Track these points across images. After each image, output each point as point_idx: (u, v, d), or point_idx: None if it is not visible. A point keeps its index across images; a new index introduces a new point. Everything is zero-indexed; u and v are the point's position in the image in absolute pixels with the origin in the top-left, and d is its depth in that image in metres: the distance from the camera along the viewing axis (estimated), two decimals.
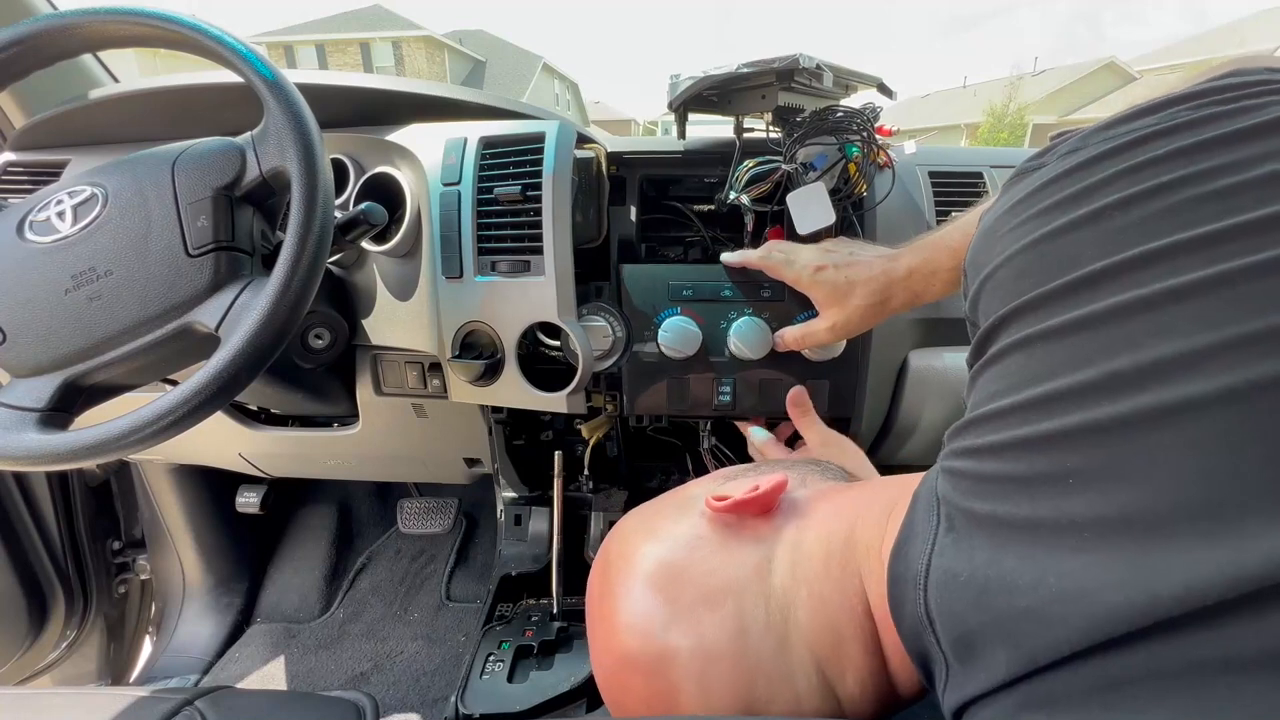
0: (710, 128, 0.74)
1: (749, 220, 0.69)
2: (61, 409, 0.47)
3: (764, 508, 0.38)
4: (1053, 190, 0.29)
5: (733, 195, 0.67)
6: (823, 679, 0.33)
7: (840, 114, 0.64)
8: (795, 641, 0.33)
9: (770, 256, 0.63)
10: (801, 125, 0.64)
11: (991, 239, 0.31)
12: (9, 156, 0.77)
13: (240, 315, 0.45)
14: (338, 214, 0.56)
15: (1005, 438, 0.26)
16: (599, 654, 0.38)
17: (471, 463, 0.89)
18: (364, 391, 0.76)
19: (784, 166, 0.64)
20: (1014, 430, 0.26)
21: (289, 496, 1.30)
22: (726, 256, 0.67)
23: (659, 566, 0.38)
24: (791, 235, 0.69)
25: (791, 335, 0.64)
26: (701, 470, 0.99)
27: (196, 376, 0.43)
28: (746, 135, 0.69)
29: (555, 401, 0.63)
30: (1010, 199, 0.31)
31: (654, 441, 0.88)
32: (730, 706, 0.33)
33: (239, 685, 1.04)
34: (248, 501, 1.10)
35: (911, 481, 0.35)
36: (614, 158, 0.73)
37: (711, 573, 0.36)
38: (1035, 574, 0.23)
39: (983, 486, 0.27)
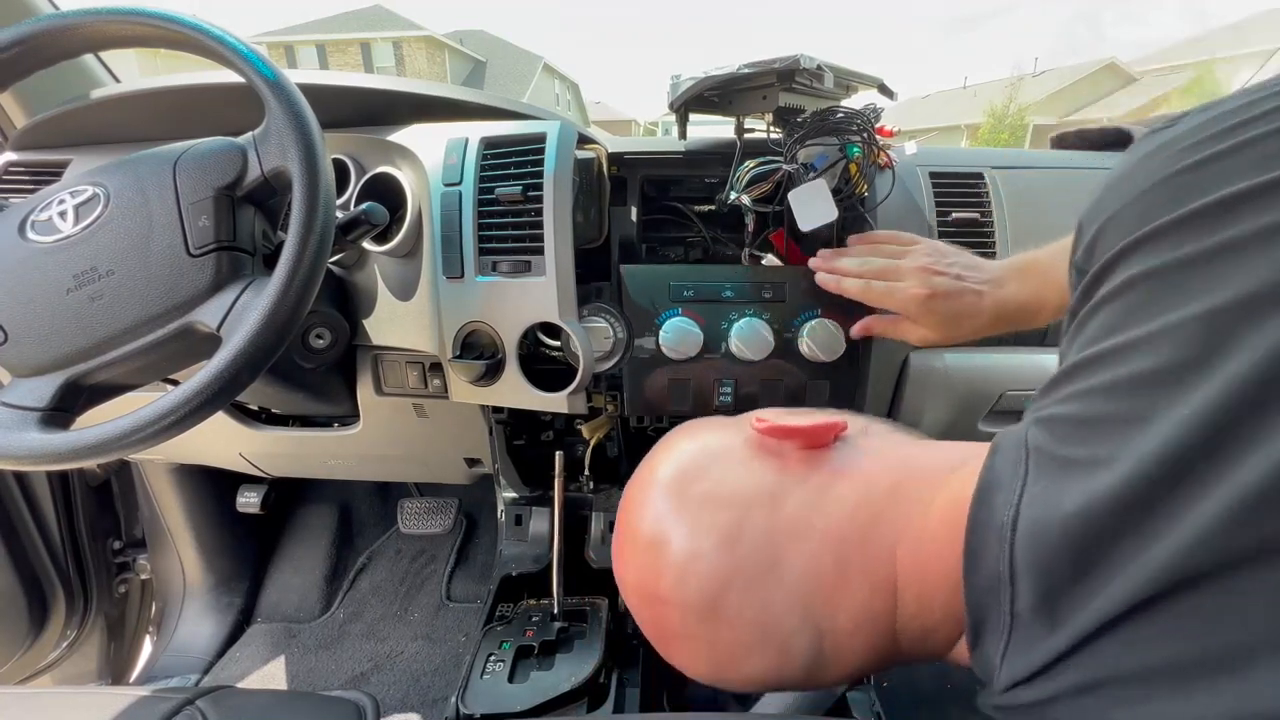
0: (711, 128, 0.74)
1: (750, 220, 0.69)
2: (63, 409, 0.47)
3: (810, 441, 0.37)
4: (1195, 133, 0.27)
5: (734, 196, 0.67)
6: (807, 610, 0.33)
7: (841, 114, 0.64)
8: (787, 569, 0.33)
9: (871, 288, 0.59)
10: (802, 126, 0.64)
11: (1118, 187, 0.30)
12: (10, 156, 0.77)
13: (241, 315, 0.45)
14: (339, 214, 0.56)
15: (1124, 373, 0.25)
16: (619, 520, 0.41)
17: (472, 463, 0.89)
18: (365, 391, 0.76)
19: (785, 167, 0.64)
20: (1137, 365, 0.24)
21: (289, 496, 1.30)
22: (822, 280, 0.62)
23: (683, 461, 0.39)
24: (793, 233, 0.69)
25: (879, 326, 0.62)
26: None
27: (198, 376, 0.43)
28: (747, 136, 0.69)
29: (556, 402, 0.63)
30: (1142, 151, 0.30)
31: (655, 441, 0.88)
32: (697, 605, 0.34)
33: (239, 685, 1.04)
34: (248, 501, 1.10)
35: (979, 446, 0.33)
36: (615, 158, 0.73)
37: (724, 480, 0.37)
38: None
39: (1084, 431, 0.25)
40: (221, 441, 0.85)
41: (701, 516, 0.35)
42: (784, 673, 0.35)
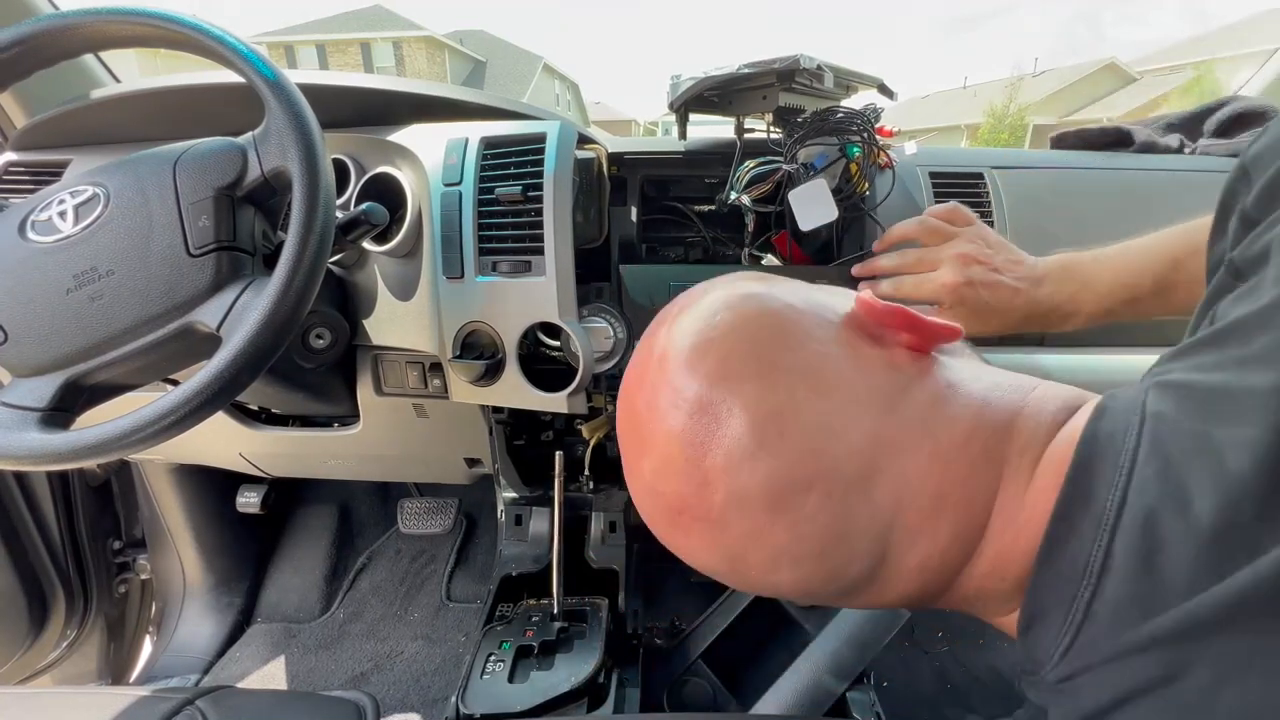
0: (711, 128, 0.74)
1: (750, 221, 0.69)
2: (63, 409, 0.47)
3: (925, 337, 0.31)
4: None
5: (734, 196, 0.67)
6: (883, 535, 0.28)
7: (841, 115, 0.64)
8: (881, 486, 0.28)
9: (901, 285, 0.58)
10: (802, 126, 0.64)
11: None
12: (11, 156, 0.77)
13: (241, 315, 0.45)
14: (339, 214, 0.56)
15: None
16: (644, 343, 0.32)
17: (472, 463, 0.89)
18: (365, 391, 0.76)
19: (785, 167, 0.64)
20: None
21: (289, 496, 1.30)
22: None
23: (767, 313, 0.31)
24: (794, 234, 0.69)
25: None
26: None
27: (198, 376, 0.43)
28: (747, 136, 0.69)
29: (556, 402, 0.63)
30: None
31: None
32: (756, 496, 0.27)
33: (239, 685, 1.04)
34: (248, 501, 1.10)
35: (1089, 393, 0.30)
36: (615, 158, 0.73)
37: (827, 359, 0.30)
38: None
39: (1228, 403, 0.22)
40: (221, 441, 0.85)
41: (796, 397, 0.28)
42: (816, 590, 0.30)
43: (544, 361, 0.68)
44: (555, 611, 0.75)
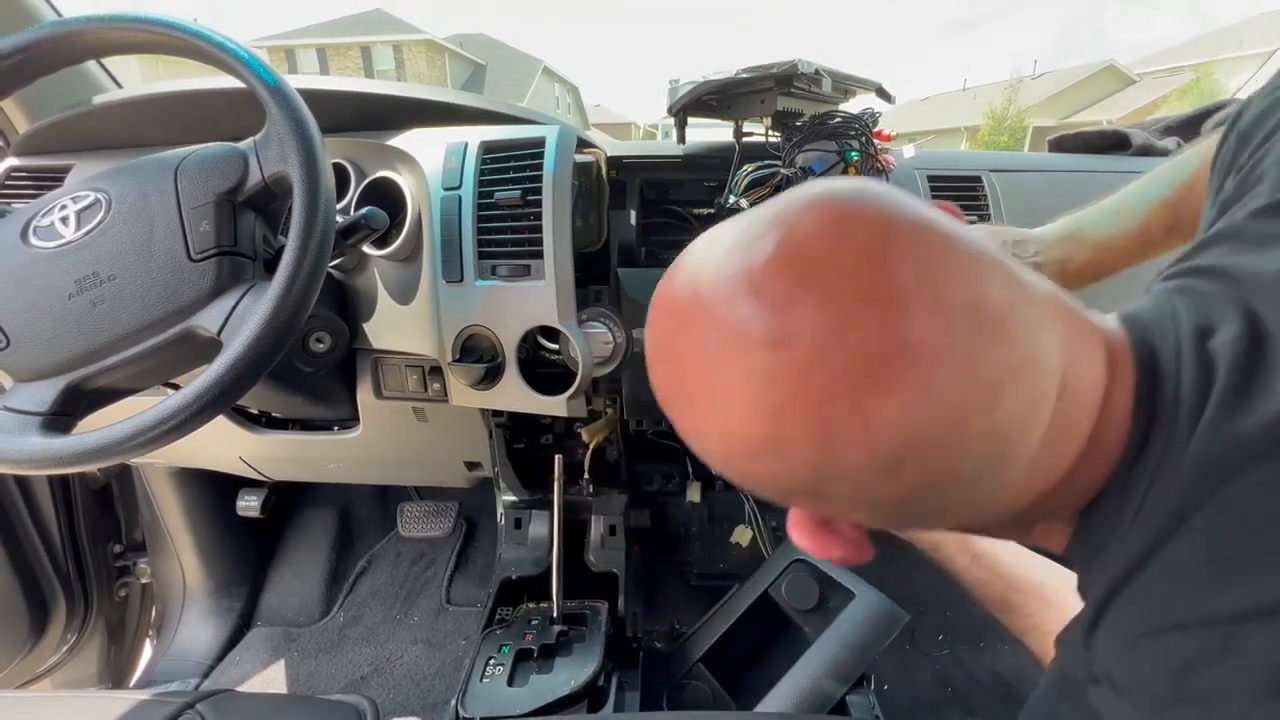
0: (710, 132, 0.74)
1: None
2: (64, 413, 0.47)
3: None
4: None
5: (732, 199, 0.67)
6: (1064, 360, 0.24)
7: (839, 119, 0.65)
8: (1040, 300, 0.25)
9: None
10: (800, 130, 0.64)
11: None
12: (13, 162, 0.77)
13: (242, 320, 0.45)
14: (339, 218, 0.56)
15: None
16: (718, 277, 0.25)
17: (472, 466, 0.89)
18: (365, 395, 0.76)
19: (783, 170, 0.64)
20: None
21: (289, 500, 1.30)
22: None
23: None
24: None
25: None
26: (702, 474, 0.99)
27: (199, 381, 0.43)
28: (746, 140, 0.69)
29: (555, 405, 0.63)
30: None
31: (654, 445, 0.88)
32: (964, 285, 0.22)
33: (239, 689, 1.04)
34: (248, 505, 1.10)
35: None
36: (614, 162, 0.73)
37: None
38: None
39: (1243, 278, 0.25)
40: (222, 445, 0.85)
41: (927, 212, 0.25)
42: (1019, 420, 0.24)
43: (543, 365, 0.68)
44: (555, 615, 0.75)
